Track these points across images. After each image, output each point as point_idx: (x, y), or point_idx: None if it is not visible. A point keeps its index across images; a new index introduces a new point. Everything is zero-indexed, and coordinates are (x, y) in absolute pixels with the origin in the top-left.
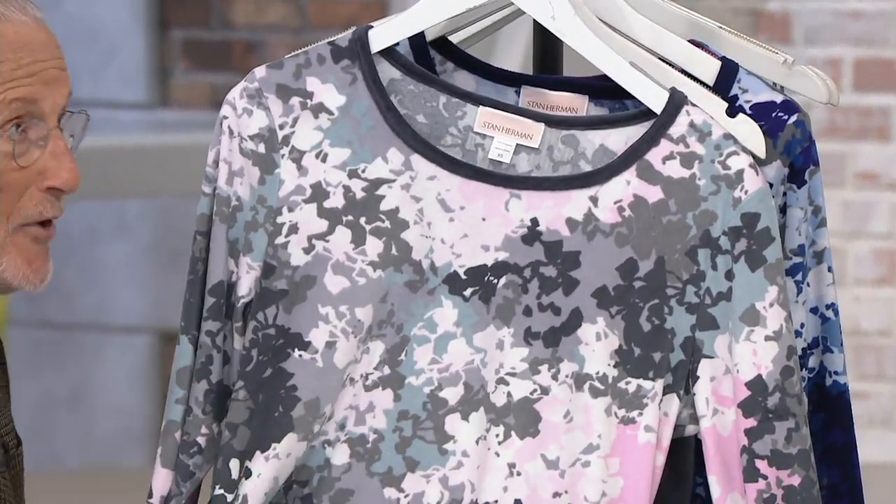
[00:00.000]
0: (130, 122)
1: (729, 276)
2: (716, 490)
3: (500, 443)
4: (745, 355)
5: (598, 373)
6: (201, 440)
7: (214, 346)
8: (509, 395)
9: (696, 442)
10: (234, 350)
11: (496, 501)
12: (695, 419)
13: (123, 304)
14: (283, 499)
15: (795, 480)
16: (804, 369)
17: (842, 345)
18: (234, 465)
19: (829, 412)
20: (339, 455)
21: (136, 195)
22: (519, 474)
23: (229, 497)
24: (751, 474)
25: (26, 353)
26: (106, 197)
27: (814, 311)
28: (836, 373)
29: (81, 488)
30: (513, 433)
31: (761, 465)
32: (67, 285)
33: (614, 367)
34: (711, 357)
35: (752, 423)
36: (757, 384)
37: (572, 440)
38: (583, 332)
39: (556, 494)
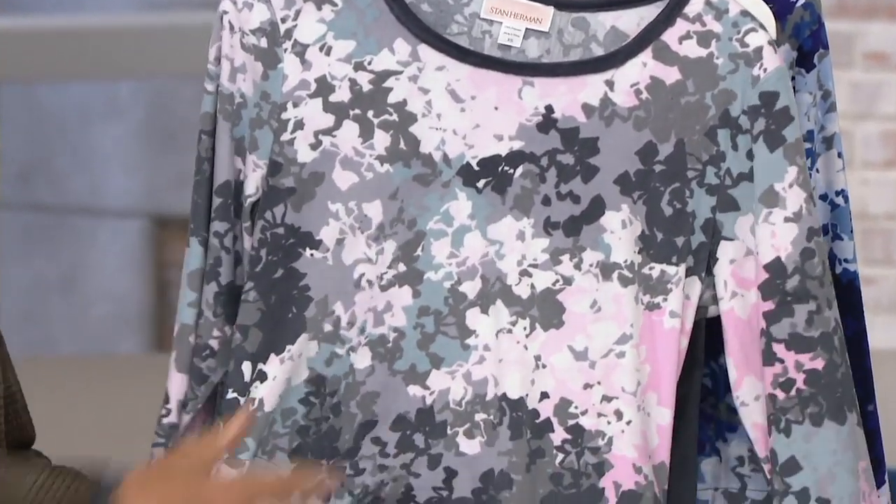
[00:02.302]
0: (122, 0)
1: (750, 155)
2: (732, 373)
3: (527, 336)
4: (764, 237)
5: (626, 261)
6: (214, 343)
7: (223, 247)
8: (533, 286)
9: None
10: (244, 250)
11: (526, 395)
12: (716, 300)
13: (116, 187)
14: (320, 412)
15: (819, 364)
16: None
17: (852, 232)
18: (247, 367)
19: (839, 300)
20: (362, 359)
21: (129, 76)
22: (545, 367)
23: (242, 400)
24: (768, 358)
25: (17, 237)
26: (97, 77)
27: (823, 197)
28: (846, 260)
29: (75, 373)
30: (537, 325)
31: (778, 348)
32: (59, 168)
33: (638, 253)
34: (732, 239)
35: (770, 306)
36: (775, 266)
37: (602, 330)
38: (606, 220)
39: (588, 386)
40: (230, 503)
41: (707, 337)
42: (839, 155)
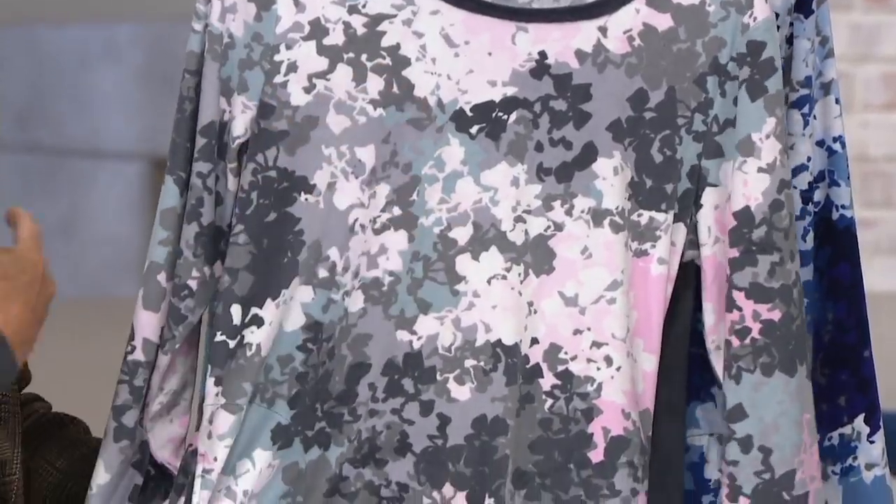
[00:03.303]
0: None
1: (736, 102)
2: (709, 318)
3: (521, 282)
4: (737, 185)
5: (617, 207)
6: (192, 283)
7: (205, 187)
8: (526, 232)
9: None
10: (227, 191)
11: (520, 341)
12: (694, 245)
13: (116, 130)
14: (317, 359)
15: (776, 315)
16: (810, 203)
17: (848, 178)
18: (236, 310)
19: (836, 246)
20: (354, 302)
21: (128, 18)
22: (536, 312)
23: (231, 343)
24: (729, 304)
25: (16, 179)
26: (96, 20)
27: (820, 143)
28: (842, 206)
29: (73, 318)
30: (531, 271)
31: (738, 296)
32: (58, 111)
33: (627, 199)
34: (716, 185)
35: (734, 253)
36: (744, 215)
37: (593, 277)
38: (598, 166)
39: (577, 332)
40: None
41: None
42: (836, 101)
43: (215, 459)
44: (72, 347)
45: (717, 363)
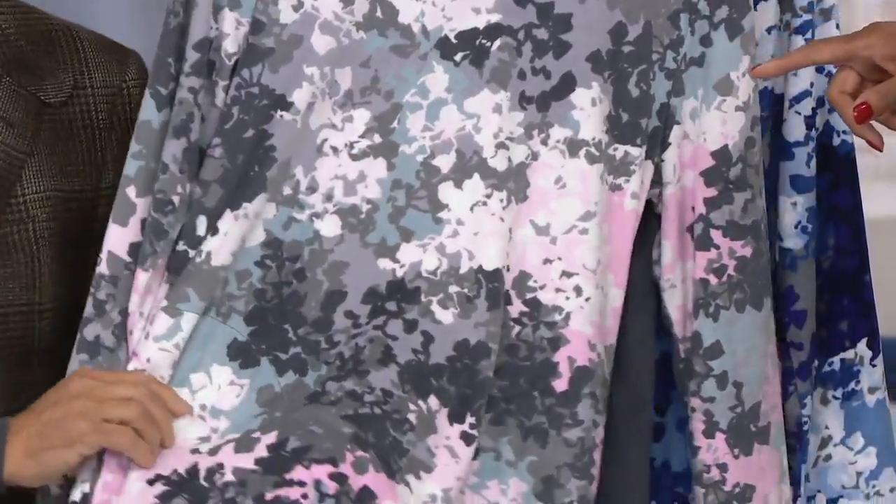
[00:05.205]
0: None
1: (705, 41)
2: (667, 255)
3: (503, 208)
4: (713, 124)
5: (594, 139)
6: (176, 199)
7: (196, 103)
8: (510, 159)
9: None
10: (212, 108)
11: (503, 267)
12: (657, 184)
13: None
14: (277, 277)
15: (748, 251)
16: (813, 129)
17: None
18: (202, 221)
19: (836, 172)
20: (330, 226)
21: None
22: (511, 240)
23: (191, 253)
24: (704, 243)
25: None
26: None
27: (820, 69)
28: (843, 132)
29: None
30: (512, 198)
31: (716, 234)
32: None
33: (605, 133)
34: (681, 123)
35: (712, 192)
36: (722, 154)
37: (565, 206)
38: (577, 96)
39: (547, 261)
40: None
41: None
42: (837, 27)
43: (148, 361)
44: None
45: (672, 300)
